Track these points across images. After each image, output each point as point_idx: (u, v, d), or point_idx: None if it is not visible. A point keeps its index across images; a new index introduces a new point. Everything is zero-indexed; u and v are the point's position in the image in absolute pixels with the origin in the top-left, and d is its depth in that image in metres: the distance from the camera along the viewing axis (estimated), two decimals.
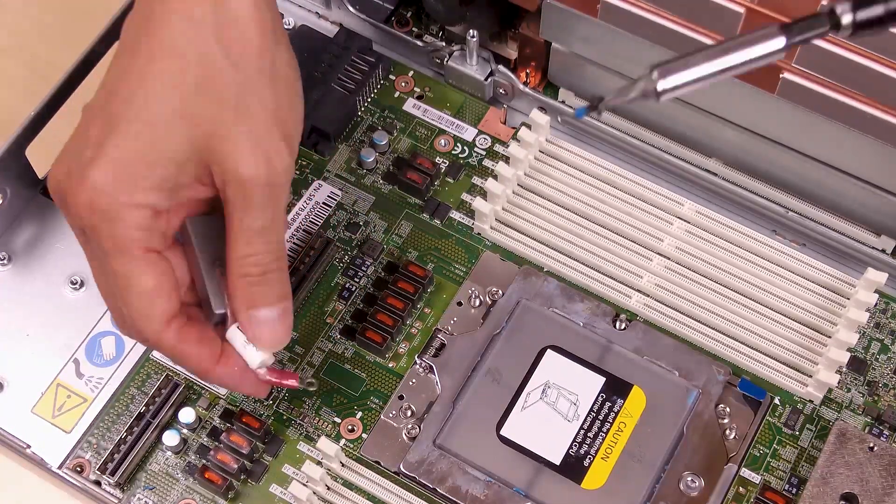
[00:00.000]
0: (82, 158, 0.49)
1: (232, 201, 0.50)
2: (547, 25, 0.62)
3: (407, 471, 0.57)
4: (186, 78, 0.49)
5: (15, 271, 0.63)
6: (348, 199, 0.65)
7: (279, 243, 0.52)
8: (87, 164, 0.49)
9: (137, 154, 0.49)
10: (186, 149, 0.49)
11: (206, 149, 0.50)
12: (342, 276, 0.63)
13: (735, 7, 0.54)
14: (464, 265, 0.63)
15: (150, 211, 0.49)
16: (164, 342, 0.51)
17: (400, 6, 0.70)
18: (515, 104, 0.68)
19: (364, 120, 0.67)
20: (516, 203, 0.64)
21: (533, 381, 0.59)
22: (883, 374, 0.60)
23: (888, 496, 0.55)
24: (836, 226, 0.63)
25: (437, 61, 0.68)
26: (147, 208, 0.49)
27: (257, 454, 0.58)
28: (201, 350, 0.52)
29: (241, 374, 0.54)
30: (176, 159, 0.49)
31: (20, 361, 0.60)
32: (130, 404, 0.60)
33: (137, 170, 0.49)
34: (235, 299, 0.52)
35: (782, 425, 0.59)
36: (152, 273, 0.50)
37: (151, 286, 0.50)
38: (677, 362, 0.59)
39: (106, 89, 0.51)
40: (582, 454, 0.57)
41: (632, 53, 0.60)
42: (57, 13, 0.73)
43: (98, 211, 0.49)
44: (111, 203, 0.48)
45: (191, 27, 0.50)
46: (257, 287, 0.52)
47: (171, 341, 0.51)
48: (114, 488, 0.57)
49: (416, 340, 0.61)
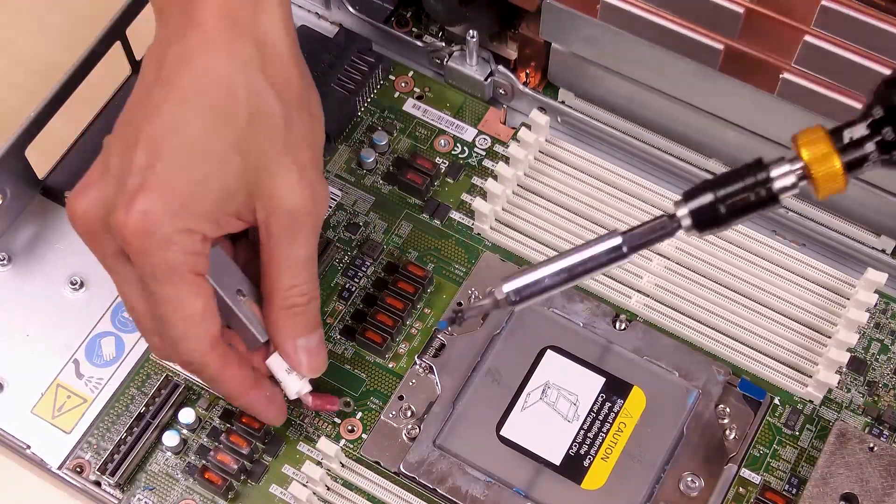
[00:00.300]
0: (127, 185, 0.50)
1: (276, 233, 0.52)
2: (547, 26, 0.62)
3: (407, 471, 0.57)
4: (239, 112, 0.51)
5: (15, 271, 0.63)
6: (348, 199, 0.65)
7: (316, 272, 0.54)
8: (137, 191, 0.49)
9: (190, 183, 0.50)
10: (238, 181, 0.51)
11: (255, 182, 0.51)
12: (342, 277, 0.63)
13: (735, 7, 0.54)
14: (464, 265, 0.63)
15: (201, 236, 0.50)
16: (209, 364, 0.53)
17: (400, 6, 0.70)
18: (515, 104, 0.68)
19: (364, 120, 0.67)
20: (516, 203, 0.64)
21: (533, 382, 0.59)
22: (883, 375, 0.60)
23: (888, 496, 0.55)
24: (836, 226, 0.63)
25: (436, 61, 0.68)
26: (198, 233, 0.50)
27: (257, 454, 0.58)
28: (241, 373, 0.54)
29: (269, 400, 0.56)
30: (228, 190, 0.51)
31: (20, 362, 0.60)
32: (130, 405, 0.60)
33: (191, 198, 0.50)
34: (280, 330, 0.54)
35: (782, 425, 0.59)
36: (201, 296, 0.51)
37: (201, 308, 0.51)
38: (677, 362, 0.59)
39: (138, 120, 0.51)
40: (582, 454, 0.57)
41: (631, 54, 0.60)
42: (57, 13, 0.73)
43: (149, 235, 0.49)
44: (164, 227, 0.49)
45: (239, 63, 0.51)
46: (301, 317, 0.54)
47: (217, 363, 0.53)
48: (114, 489, 0.57)
49: (415, 341, 0.61)
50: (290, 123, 0.52)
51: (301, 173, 0.52)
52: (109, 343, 0.61)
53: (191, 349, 0.52)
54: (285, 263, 0.53)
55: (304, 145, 0.53)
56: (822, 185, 0.43)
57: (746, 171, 0.43)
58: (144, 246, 0.49)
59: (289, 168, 0.52)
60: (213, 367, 0.53)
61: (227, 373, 0.53)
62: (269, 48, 0.52)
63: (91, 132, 0.65)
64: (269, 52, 0.52)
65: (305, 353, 0.55)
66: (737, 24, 0.55)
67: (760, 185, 0.43)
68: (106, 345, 0.61)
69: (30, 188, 0.64)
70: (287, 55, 0.53)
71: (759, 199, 0.43)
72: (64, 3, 0.74)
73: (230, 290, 0.54)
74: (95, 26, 0.62)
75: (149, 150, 0.50)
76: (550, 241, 0.63)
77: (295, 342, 0.54)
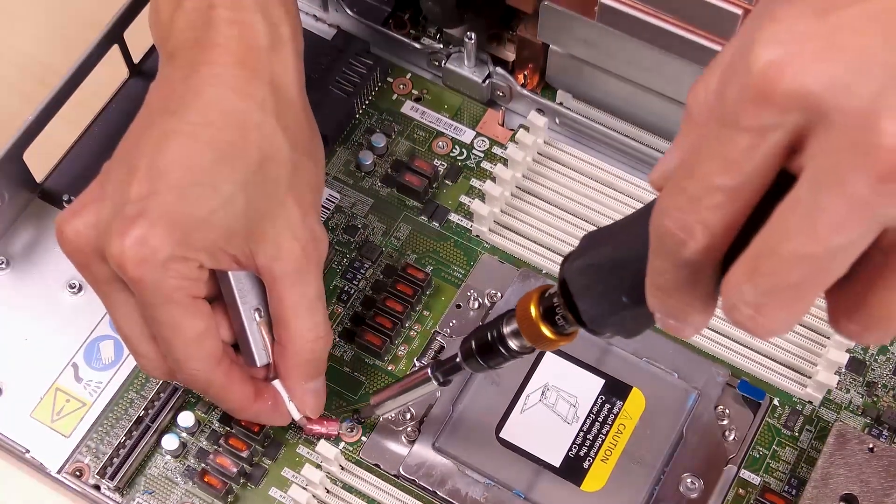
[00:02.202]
0: (126, 211, 0.49)
1: (281, 277, 0.52)
2: (544, 27, 0.62)
3: (406, 474, 0.57)
4: (249, 154, 0.51)
5: (13, 275, 0.63)
6: (346, 201, 0.65)
7: (327, 312, 0.55)
8: (136, 217, 0.49)
9: (193, 217, 0.50)
10: (239, 223, 0.51)
11: (256, 225, 0.51)
12: (341, 279, 0.63)
13: (732, 9, 0.54)
14: (462, 267, 0.63)
15: (198, 263, 0.51)
16: (214, 382, 0.53)
17: (397, 9, 0.70)
18: (513, 106, 0.68)
19: (362, 122, 0.67)
20: (514, 205, 0.64)
21: (532, 384, 0.59)
22: (882, 375, 0.60)
23: (888, 497, 0.55)
24: None
25: (434, 63, 0.68)
26: (195, 261, 0.50)
27: (256, 458, 0.58)
28: (244, 388, 0.54)
29: (273, 408, 0.56)
30: (229, 229, 0.51)
31: (18, 366, 0.60)
32: (129, 408, 0.59)
33: (192, 232, 0.50)
34: (292, 373, 0.55)
35: (782, 426, 0.59)
36: (201, 317, 0.52)
37: (202, 329, 0.52)
38: (676, 364, 0.59)
39: (141, 148, 0.51)
40: (581, 456, 0.57)
41: (629, 55, 0.60)
42: (55, 16, 0.73)
43: (146, 262, 0.49)
44: (161, 254, 0.49)
45: (253, 105, 0.51)
46: (313, 361, 0.55)
47: (221, 380, 0.53)
48: (113, 492, 0.57)
49: (415, 343, 0.61)
50: (296, 169, 0.52)
51: (303, 216, 0.52)
52: (108, 347, 0.61)
53: (194, 369, 0.52)
54: (299, 304, 0.53)
55: (306, 189, 0.53)
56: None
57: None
58: (142, 273, 0.49)
59: (292, 210, 0.52)
60: (218, 384, 0.53)
61: (232, 389, 0.54)
62: (281, 92, 0.52)
63: (89, 135, 0.65)
64: (281, 95, 0.52)
65: (313, 395, 0.56)
66: (735, 25, 0.55)
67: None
68: (105, 348, 0.61)
69: (28, 191, 0.64)
70: (297, 100, 0.54)
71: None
72: (62, 6, 0.74)
73: (250, 314, 0.54)
74: (93, 29, 0.62)
75: (152, 178, 0.50)
76: (549, 243, 0.63)
77: (304, 385, 0.55)
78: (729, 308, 0.34)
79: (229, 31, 0.52)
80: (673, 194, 0.34)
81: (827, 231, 0.31)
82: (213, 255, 0.51)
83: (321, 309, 0.54)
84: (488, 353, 0.49)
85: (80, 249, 0.51)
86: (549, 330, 0.46)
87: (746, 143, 0.32)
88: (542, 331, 0.46)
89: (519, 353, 0.48)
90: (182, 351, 0.52)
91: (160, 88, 0.53)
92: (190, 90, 0.51)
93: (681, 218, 0.34)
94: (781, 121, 0.32)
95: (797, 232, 0.32)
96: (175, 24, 0.53)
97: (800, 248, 0.32)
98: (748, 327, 0.34)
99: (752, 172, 0.33)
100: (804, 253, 0.32)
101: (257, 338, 0.54)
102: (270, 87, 0.52)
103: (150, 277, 0.49)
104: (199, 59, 0.51)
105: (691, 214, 0.34)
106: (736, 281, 0.34)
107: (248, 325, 0.54)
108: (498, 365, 0.49)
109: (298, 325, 0.53)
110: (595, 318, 0.43)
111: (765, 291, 0.33)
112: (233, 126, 0.51)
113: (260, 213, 0.51)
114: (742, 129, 0.32)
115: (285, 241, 0.52)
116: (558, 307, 0.44)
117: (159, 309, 0.50)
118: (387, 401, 0.56)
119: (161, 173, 0.50)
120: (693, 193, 0.34)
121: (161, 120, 0.51)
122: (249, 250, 0.52)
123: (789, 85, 0.31)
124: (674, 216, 0.34)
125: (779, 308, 0.33)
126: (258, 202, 0.51)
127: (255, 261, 0.52)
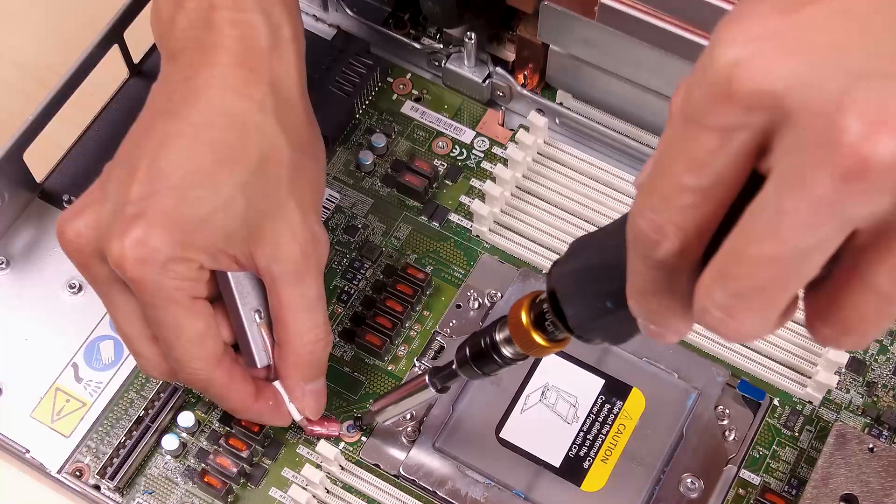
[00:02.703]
0: (126, 212, 0.49)
1: (281, 278, 0.52)
2: (545, 27, 0.62)
3: (406, 474, 0.57)
4: (250, 155, 0.51)
5: (13, 275, 0.63)
6: (346, 201, 0.65)
7: (327, 314, 0.55)
8: (136, 218, 0.49)
9: (193, 217, 0.50)
10: (239, 223, 0.51)
11: (256, 227, 0.51)
12: (341, 279, 0.63)
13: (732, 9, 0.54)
14: (462, 267, 0.63)
15: (198, 264, 0.51)
16: (215, 382, 0.53)
17: (397, 9, 0.70)
18: (513, 106, 0.68)
19: (362, 122, 0.67)
20: (514, 205, 0.64)
21: (532, 384, 0.59)
22: (882, 375, 0.60)
23: (888, 497, 0.55)
24: None
25: (434, 63, 0.68)
26: (195, 262, 0.50)
27: (256, 458, 0.58)
28: (245, 387, 0.54)
29: (274, 408, 0.56)
30: (229, 230, 0.51)
31: (18, 366, 0.60)
32: (129, 408, 0.59)
33: (191, 232, 0.50)
34: (293, 374, 0.54)
35: (782, 426, 0.59)
36: (201, 318, 0.52)
37: (202, 330, 0.52)
38: (676, 364, 0.59)
39: (143, 148, 0.51)
40: (581, 456, 0.57)
41: (630, 55, 0.60)
42: (55, 16, 0.73)
43: (146, 262, 0.49)
44: (161, 255, 0.49)
45: (253, 105, 0.51)
46: (314, 362, 0.54)
47: (222, 380, 0.53)
48: (113, 492, 0.57)
49: (415, 343, 0.61)
50: (297, 169, 0.52)
51: (303, 217, 0.52)
52: (108, 347, 0.61)
53: (195, 369, 0.52)
54: (299, 304, 0.53)
55: (307, 190, 0.53)
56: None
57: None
58: (142, 273, 0.49)
59: (292, 211, 0.52)
60: (218, 384, 0.53)
61: (233, 388, 0.54)
62: (282, 93, 0.52)
63: (89, 136, 0.65)
64: (282, 96, 0.52)
65: (313, 396, 0.56)
66: None
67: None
68: (105, 348, 0.61)
69: (28, 192, 0.64)
70: (298, 101, 0.54)
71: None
72: (62, 6, 0.74)
73: (250, 315, 0.54)
74: (93, 29, 0.62)
75: (153, 178, 0.50)
76: (549, 243, 0.63)
77: (304, 386, 0.55)
78: (700, 311, 0.34)
79: (230, 32, 0.52)
80: (647, 195, 0.34)
81: (792, 233, 0.31)
82: (213, 256, 0.51)
83: (321, 310, 0.54)
84: (482, 361, 0.49)
85: (81, 250, 0.52)
86: (541, 336, 0.45)
87: (713, 143, 0.32)
88: (534, 337, 0.45)
89: (513, 360, 0.48)
90: (183, 351, 0.52)
91: (161, 89, 0.53)
92: (191, 91, 0.51)
93: (653, 218, 0.33)
94: (746, 121, 0.31)
95: (763, 234, 0.31)
96: (176, 24, 0.53)
97: (766, 250, 0.31)
98: (720, 331, 0.34)
99: (722, 173, 0.32)
100: (770, 255, 0.31)
101: (257, 339, 0.54)
102: (271, 87, 0.52)
103: (151, 278, 0.49)
104: (200, 60, 0.51)
105: (663, 214, 0.33)
106: (706, 284, 0.33)
107: (248, 326, 0.54)
108: (493, 372, 0.49)
109: (298, 327, 0.53)
110: (582, 324, 0.43)
111: (733, 294, 0.33)
112: (233, 127, 0.51)
113: (260, 214, 0.51)
114: (707, 129, 0.32)
115: (285, 241, 0.52)
116: (548, 313, 0.44)
117: (160, 309, 0.50)
118: (387, 407, 0.56)
119: (161, 174, 0.50)
120: (664, 193, 0.33)
121: (162, 121, 0.51)
122: (249, 251, 0.52)
123: (751, 84, 0.31)
124: (647, 217, 0.34)
125: (748, 311, 0.33)
126: (258, 203, 0.51)
127: (255, 261, 0.52)
